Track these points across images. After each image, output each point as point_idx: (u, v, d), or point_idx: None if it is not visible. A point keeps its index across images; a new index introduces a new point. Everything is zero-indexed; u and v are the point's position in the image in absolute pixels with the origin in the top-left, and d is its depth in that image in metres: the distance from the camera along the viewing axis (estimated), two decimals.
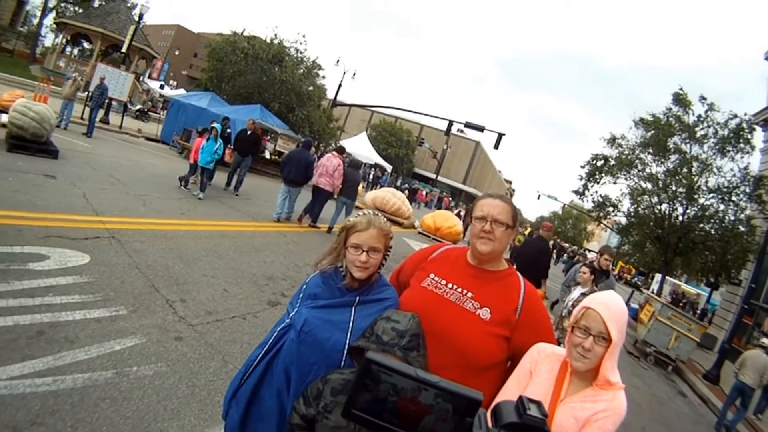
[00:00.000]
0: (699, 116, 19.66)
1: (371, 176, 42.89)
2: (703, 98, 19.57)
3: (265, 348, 2.08)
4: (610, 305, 1.76)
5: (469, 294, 2.05)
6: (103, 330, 4.20)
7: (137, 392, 3.50)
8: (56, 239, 5.85)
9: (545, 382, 1.82)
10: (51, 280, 4.79)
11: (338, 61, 35.16)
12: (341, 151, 13.28)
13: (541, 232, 9.58)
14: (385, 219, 2.14)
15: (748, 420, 9.95)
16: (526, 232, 30.04)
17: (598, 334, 1.72)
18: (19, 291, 4.39)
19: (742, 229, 18.53)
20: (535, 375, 1.86)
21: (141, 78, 39.38)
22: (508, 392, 1.90)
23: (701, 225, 19.60)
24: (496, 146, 29.01)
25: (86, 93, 19.21)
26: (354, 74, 36.23)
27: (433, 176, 55.20)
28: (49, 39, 46.23)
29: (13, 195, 6.90)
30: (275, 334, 2.08)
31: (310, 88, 28.77)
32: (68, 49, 38.83)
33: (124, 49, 25.23)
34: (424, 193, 51.25)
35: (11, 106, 10.26)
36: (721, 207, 19.10)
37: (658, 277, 29.49)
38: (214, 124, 12.33)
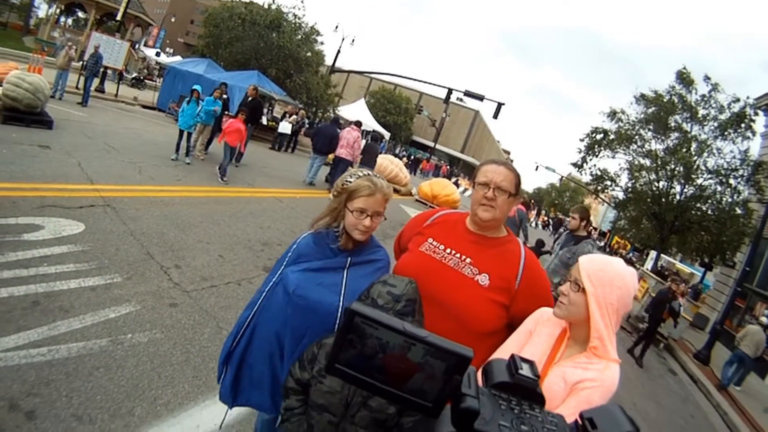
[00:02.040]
0: (702, 96, 19.48)
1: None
2: (707, 77, 19.34)
3: (255, 309, 2.08)
4: (594, 259, 1.75)
5: (468, 260, 2.02)
6: (97, 298, 4.21)
7: (131, 360, 3.51)
8: (51, 209, 5.82)
9: (543, 344, 1.80)
10: (45, 250, 4.78)
11: (337, 26, 34.76)
12: (359, 124, 15.03)
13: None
14: (387, 183, 2.12)
15: (727, 391, 10.71)
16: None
17: (574, 281, 1.73)
18: (13, 262, 4.38)
19: (738, 211, 18.55)
20: (534, 335, 1.85)
21: (137, 46, 38.89)
22: (506, 350, 1.88)
23: (698, 205, 19.61)
24: (496, 116, 28.87)
25: (81, 62, 18.97)
26: (353, 40, 35.80)
27: (432, 144, 54.80)
28: (42, 10, 45.57)
29: (8, 167, 6.83)
30: (264, 293, 2.08)
31: (308, 53, 28.38)
32: (62, 19, 38.34)
33: (118, 17, 24.89)
34: (428, 162, 50.77)
35: (5, 77, 10.13)
36: (719, 188, 19.08)
37: (653, 254, 29.54)
38: (195, 86, 12.04)
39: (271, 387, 2.04)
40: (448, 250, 2.07)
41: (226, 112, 14.37)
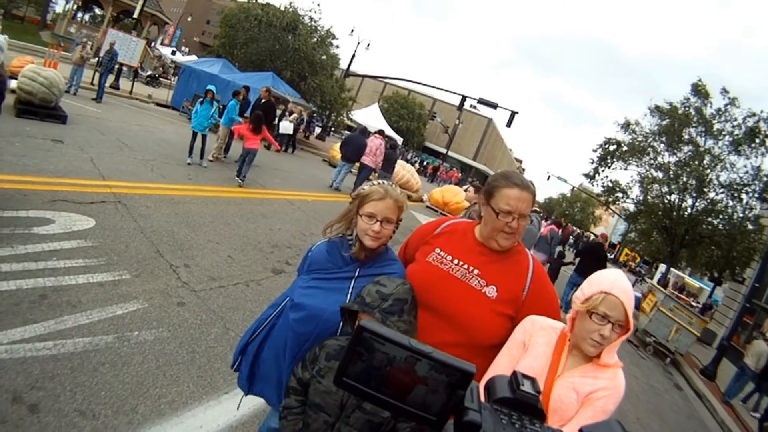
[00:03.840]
0: (718, 109, 19.25)
1: None
2: (725, 91, 19.08)
3: (277, 310, 2.15)
4: (628, 292, 1.69)
5: (476, 271, 2.01)
6: (105, 294, 4.22)
7: (137, 357, 3.52)
8: (62, 203, 5.85)
9: (542, 355, 1.77)
10: (55, 244, 4.81)
11: (352, 31, 34.88)
12: (382, 133, 16.10)
13: (599, 239, 12.27)
14: (401, 190, 2.12)
15: (732, 407, 10.72)
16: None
17: (617, 322, 1.66)
18: (23, 255, 4.41)
19: (750, 227, 18.36)
20: (530, 347, 1.82)
21: (152, 44, 39.22)
22: (500, 365, 1.87)
23: (709, 219, 19.41)
24: (509, 124, 28.80)
25: (96, 58, 19.12)
26: (368, 45, 35.98)
27: (444, 151, 54.75)
28: (60, 5, 46.02)
29: (20, 160, 6.89)
30: (287, 298, 2.13)
31: (323, 57, 28.38)
32: (79, 15, 38.71)
33: (135, 15, 25.20)
34: (441, 166, 50.46)
35: (20, 71, 10.23)
36: (731, 203, 18.89)
37: (662, 267, 29.39)
38: (210, 87, 11.82)
39: (276, 384, 2.09)
40: (456, 261, 2.05)
41: (244, 115, 14.36)
